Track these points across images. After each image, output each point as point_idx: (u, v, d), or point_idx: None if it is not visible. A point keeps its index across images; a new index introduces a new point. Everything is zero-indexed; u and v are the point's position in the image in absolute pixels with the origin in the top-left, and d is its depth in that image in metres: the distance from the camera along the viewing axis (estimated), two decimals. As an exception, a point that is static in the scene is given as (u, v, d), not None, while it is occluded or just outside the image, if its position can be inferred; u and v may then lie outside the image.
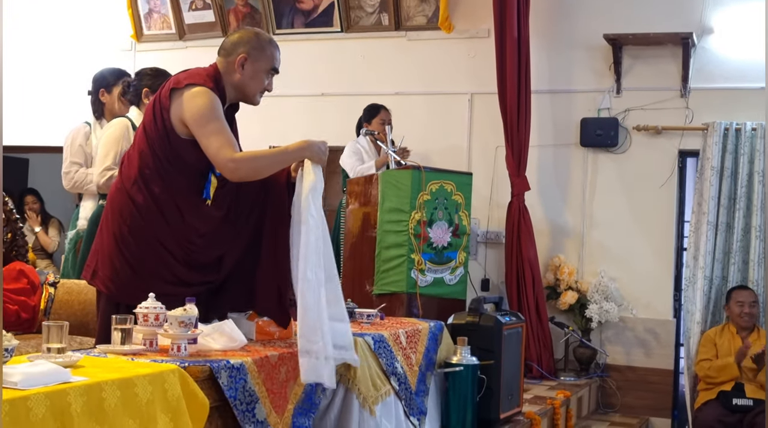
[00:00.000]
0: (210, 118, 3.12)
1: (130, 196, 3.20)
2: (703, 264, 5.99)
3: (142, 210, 3.18)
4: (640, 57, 6.45)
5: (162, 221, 3.18)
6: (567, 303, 6.31)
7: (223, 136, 3.12)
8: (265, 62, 3.32)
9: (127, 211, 3.20)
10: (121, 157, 3.85)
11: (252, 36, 3.33)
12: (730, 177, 6.08)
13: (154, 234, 3.18)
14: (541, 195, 6.60)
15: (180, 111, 3.15)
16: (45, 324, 2.52)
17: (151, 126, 3.21)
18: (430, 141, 6.78)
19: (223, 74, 3.28)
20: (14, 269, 4.18)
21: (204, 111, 3.12)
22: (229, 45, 3.31)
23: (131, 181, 3.22)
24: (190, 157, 3.18)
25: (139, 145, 3.25)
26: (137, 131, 3.36)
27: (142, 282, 3.12)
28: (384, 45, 7.11)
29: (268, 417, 2.91)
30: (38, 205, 8.24)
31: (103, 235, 3.27)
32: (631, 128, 6.44)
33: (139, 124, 3.40)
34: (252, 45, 3.29)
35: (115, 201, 3.25)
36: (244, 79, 3.28)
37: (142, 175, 3.19)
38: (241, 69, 3.27)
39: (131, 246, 3.18)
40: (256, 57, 3.29)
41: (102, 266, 3.22)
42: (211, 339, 2.96)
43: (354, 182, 5.52)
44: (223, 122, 3.16)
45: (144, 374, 2.40)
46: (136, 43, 7.78)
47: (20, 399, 2.01)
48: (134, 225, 3.18)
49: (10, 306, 3.96)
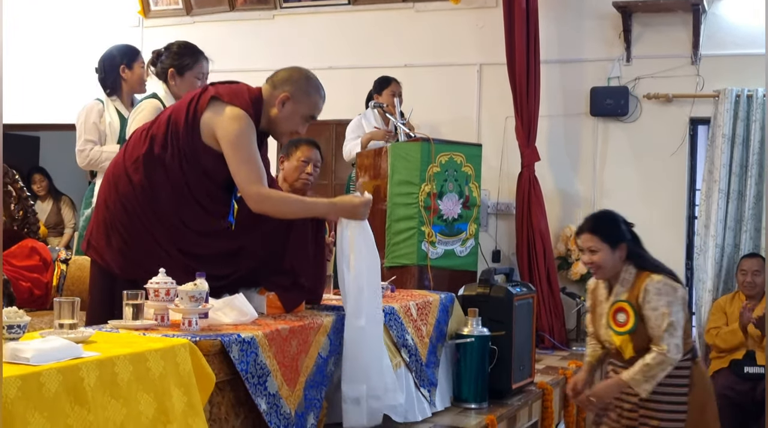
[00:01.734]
0: (244, 145, 3.16)
1: (127, 173, 3.23)
2: (714, 232, 5.98)
3: (137, 189, 3.20)
4: (649, 24, 6.40)
5: (152, 208, 3.20)
6: (578, 274, 6.30)
7: (254, 167, 3.16)
8: (306, 107, 3.32)
9: (123, 187, 3.23)
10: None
11: (302, 78, 3.34)
12: (742, 144, 6.04)
13: (145, 217, 3.20)
14: (552, 165, 6.58)
15: (214, 124, 3.18)
16: (56, 300, 2.54)
17: (179, 119, 3.22)
18: (439, 112, 6.76)
19: (265, 102, 3.29)
20: (26, 246, 4.21)
21: (240, 136, 3.15)
22: (278, 79, 3.32)
23: (132, 160, 3.24)
24: (208, 163, 3.20)
25: (155, 129, 3.25)
26: (160, 116, 3.35)
27: (135, 257, 3.18)
28: (392, 16, 7.08)
29: (280, 390, 2.93)
30: (46, 182, 8.27)
31: (99, 207, 3.30)
32: (642, 97, 6.40)
33: (168, 106, 3.38)
34: (299, 87, 3.30)
35: (113, 174, 3.28)
36: (280, 117, 3.29)
37: (147, 157, 3.21)
38: (281, 106, 3.28)
39: (124, 222, 3.21)
40: (298, 99, 3.29)
41: (97, 237, 3.27)
42: (222, 313, 2.98)
43: (363, 155, 5.51)
44: (256, 151, 3.20)
45: (156, 348, 2.42)
46: (143, 18, 7.76)
47: (32, 375, 2.03)
48: (128, 202, 3.21)
49: (23, 284, 4.00)
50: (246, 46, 7.38)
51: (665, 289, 3.49)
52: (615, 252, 3.61)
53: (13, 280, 3.84)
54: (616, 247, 3.61)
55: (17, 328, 2.31)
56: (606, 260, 3.60)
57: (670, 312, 3.45)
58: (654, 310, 3.47)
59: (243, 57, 7.32)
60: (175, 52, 4.22)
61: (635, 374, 3.49)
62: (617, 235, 3.65)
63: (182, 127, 3.20)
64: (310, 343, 3.16)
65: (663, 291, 3.49)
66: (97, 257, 3.29)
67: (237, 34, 7.38)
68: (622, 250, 3.62)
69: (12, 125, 8.19)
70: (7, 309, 2.32)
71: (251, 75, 7.20)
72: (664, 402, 3.54)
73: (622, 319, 3.55)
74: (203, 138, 3.20)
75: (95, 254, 3.29)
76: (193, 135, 3.19)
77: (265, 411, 2.85)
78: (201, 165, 3.21)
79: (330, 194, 6.90)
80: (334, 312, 3.44)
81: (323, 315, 3.37)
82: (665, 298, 3.47)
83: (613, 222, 3.75)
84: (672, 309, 3.46)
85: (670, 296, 3.48)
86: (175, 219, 3.21)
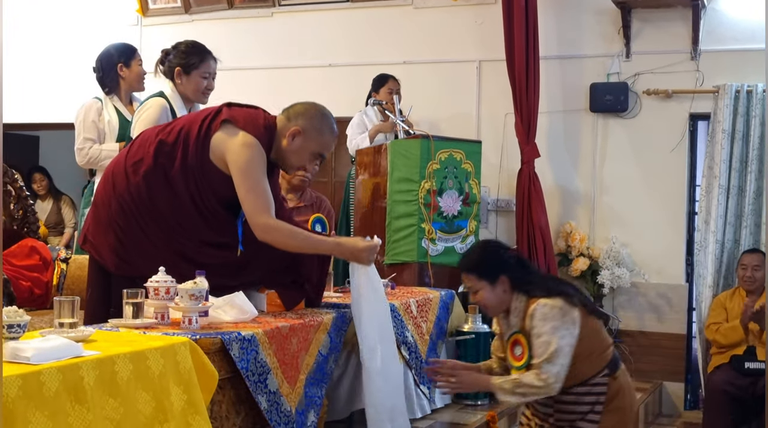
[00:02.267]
0: (253, 174, 3.16)
1: (127, 173, 3.23)
2: (715, 228, 5.97)
3: (134, 191, 3.20)
4: (649, 20, 6.39)
5: (150, 212, 3.21)
6: (579, 270, 6.30)
7: (262, 197, 3.16)
8: (315, 145, 3.32)
9: (120, 186, 3.23)
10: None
11: (317, 114, 3.34)
12: (742, 139, 6.03)
13: (142, 219, 3.21)
14: (551, 161, 6.58)
15: (225, 147, 3.18)
16: (56, 299, 2.55)
17: (191, 133, 3.22)
18: (439, 109, 6.75)
19: (278, 133, 3.30)
20: (26, 246, 4.21)
21: (250, 164, 3.16)
22: (293, 111, 3.33)
23: (133, 161, 3.24)
24: (214, 181, 3.21)
25: (164, 137, 3.25)
26: (172, 126, 3.34)
27: (129, 257, 3.18)
28: (391, 13, 7.07)
29: (280, 388, 2.93)
30: (46, 181, 8.27)
31: (96, 203, 3.31)
32: (641, 92, 6.39)
33: (181, 117, 3.36)
34: (312, 123, 3.30)
35: (113, 172, 3.29)
36: (289, 150, 3.29)
37: (150, 163, 3.22)
38: (291, 139, 3.28)
39: (120, 221, 3.21)
40: (309, 135, 3.29)
41: (93, 232, 3.28)
42: (222, 311, 2.98)
43: (363, 153, 5.51)
44: (265, 180, 3.20)
45: (156, 347, 2.43)
46: (142, 17, 7.75)
47: (33, 374, 2.04)
48: (125, 202, 3.21)
49: (23, 283, 4.00)
50: (245, 44, 7.38)
51: (551, 314, 3.17)
52: (496, 287, 3.30)
53: (14, 280, 3.85)
54: (496, 282, 3.30)
55: (17, 327, 2.32)
56: (489, 298, 3.31)
57: (552, 340, 3.14)
58: (537, 337, 3.17)
59: (242, 55, 7.32)
60: (183, 51, 4.22)
61: (505, 383, 3.21)
62: (494, 270, 3.31)
63: (192, 142, 3.20)
64: (310, 341, 3.16)
65: (548, 315, 3.17)
66: (93, 252, 3.30)
67: (236, 32, 7.38)
68: (504, 283, 3.30)
69: (11, 125, 8.19)
70: (8, 308, 2.33)
71: (250, 73, 7.30)
72: (578, 412, 3.25)
73: (518, 352, 3.28)
74: (211, 157, 3.21)
75: (92, 249, 3.30)
76: (203, 152, 3.20)
77: (265, 409, 2.86)
78: (208, 181, 3.21)
79: (329, 192, 6.91)
80: (334, 310, 3.44)
81: (323, 312, 3.38)
82: (550, 324, 3.16)
83: (488, 256, 3.41)
84: (557, 334, 3.14)
85: (556, 320, 3.16)
86: (175, 226, 3.21)
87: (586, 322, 3.24)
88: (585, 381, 3.24)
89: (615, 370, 3.32)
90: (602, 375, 3.27)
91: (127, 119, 4.71)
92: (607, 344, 3.33)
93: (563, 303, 3.20)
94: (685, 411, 6.22)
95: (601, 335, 3.33)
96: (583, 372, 3.24)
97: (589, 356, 3.24)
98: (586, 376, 3.25)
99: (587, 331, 3.24)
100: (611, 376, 3.29)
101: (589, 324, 3.27)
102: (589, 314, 3.28)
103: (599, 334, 3.32)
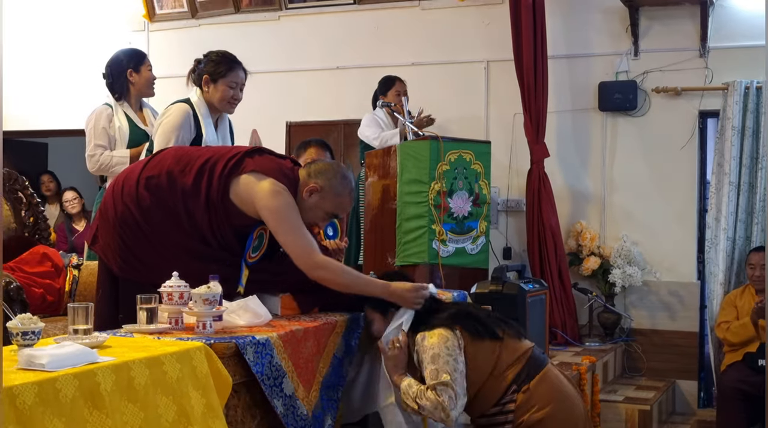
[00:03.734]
0: (290, 216, 3.18)
1: (138, 183, 3.24)
2: (725, 225, 5.95)
3: (143, 203, 3.21)
4: (657, 18, 6.37)
5: (154, 227, 3.21)
6: (590, 269, 6.28)
7: (305, 237, 3.19)
8: (331, 205, 3.32)
9: (129, 194, 3.23)
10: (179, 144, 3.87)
11: (337, 175, 3.33)
12: (752, 136, 6.01)
13: (148, 230, 3.21)
14: (561, 161, 6.56)
15: (252, 191, 3.18)
16: (70, 306, 2.54)
17: (217, 167, 3.23)
18: (448, 110, 6.74)
19: (299, 186, 3.31)
20: (38, 252, 4.21)
21: (285, 209, 3.18)
22: (314, 169, 3.34)
23: (148, 175, 3.25)
24: (231, 214, 3.21)
25: (183, 163, 3.25)
26: (198, 152, 3.34)
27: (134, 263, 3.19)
28: (398, 15, 7.06)
29: (296, 392, 2.92)
30: (54, 184, 8.30)
31: (107, 206, 3.31)
32: (650, 90, 6.38)
33: (211, 146, 3.36)
34: (331, 183, 3.30)
35: (125, 178, 3.31)
36: (305, 206, 3.29)
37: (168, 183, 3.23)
38: (309, 195, 3.29)
39: (125, 227, 3.22)
40: (326, 195, 3.30)
41: (101, 234, 3.29)
42: (236, 315, 2.97)
43: (372, 155, 5.50)
44: (301, 222, 3.21)
45: (171, 352, 2.42)
46: (148, 22, 7.76)
47: (48, 381, 2.03)
48: (128, 211, 3.22)
49: (35, 290, 4.00)
50: (252, 48, 7.35)
51: (427, 344, 3.12)
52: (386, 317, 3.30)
53: (26, 287, 3.85)
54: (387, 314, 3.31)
55: (32, 334, 2.31)
56: (380, 330, 3.31)
57: (435, 368, 3.07)
58: (424, 370, 3.11)
59: (249, 59, 7.20)
60: (213, 60, 4.21)
61: (410, 389, 3.12)
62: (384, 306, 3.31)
63: (216, 179, 3.21)
64: (324, 344, 3.15)
65: (425, 347, 3.12)
66: (101, 253, 3.31)
67: (243, 36, 7.38)
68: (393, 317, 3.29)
69: (20, 132, 8.22)
70: (22, 315, 2.32)
71: (258, 77, 7.24)
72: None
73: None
74: (232, 197, 3.21)
75: (99, 250, 3.32)
76: (225, 190, 3.21)
77: (281, 413, 2.85)
78: (226, 215, 3.22)
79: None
80: (348, 313, 3.43)
81: (337, 315, 3.37)
82: (429, 353, 3.10)
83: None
84: (438, 362, 3.07)
85: (434, 349, 3.09)
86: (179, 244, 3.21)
87: (476, 343, 3.17)
88: (497, 402, 3.17)
89: (526, 383, 3.18)
90: (511, 392, 3.17)
91: (138, 125, 4.71)
92: (511, 359, 3.20)
93: (442, 329, 3.13)
94: (699, 410, 6.19)
95: (499, 352, 3.19)
96: (491, 393, 3.17)
97: (489, 378, 3.16)
98: (496, 397, 3.17)
99: (478, 352, 3.16)
100: (520, 391, 3.16)
101: (481, 343, 3.18)
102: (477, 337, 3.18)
103: (496, 351, 3.19)
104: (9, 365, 2.15)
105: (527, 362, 3.20)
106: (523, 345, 3.26)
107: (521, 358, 3.21)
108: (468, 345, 3.15)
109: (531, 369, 3.20)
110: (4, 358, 2.23)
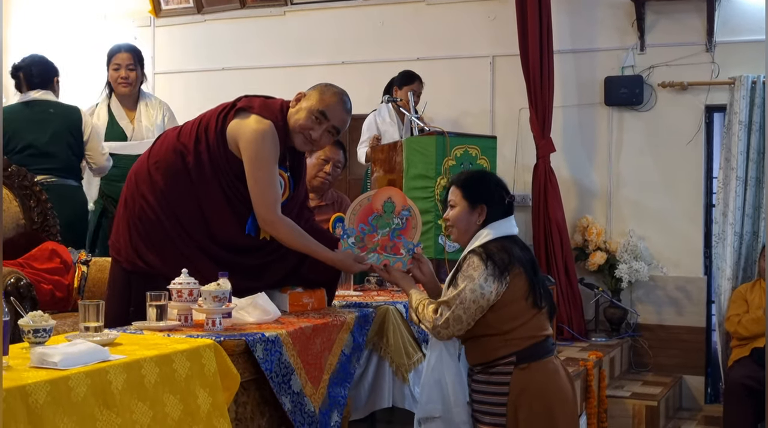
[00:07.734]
0: (263, 164, 3.18)
1: (149, 172, 3.25)
2: (733, 220, 5.94)
3: (158, 191, 3.22)
4: (663, 12, 6.35)
5: (174, 212, 3.22)
6: (596, 264, 6.28)
7: (271, 190, 3.20)
8: (316, 101, 3.29)
9: (143, 186, 3.25)
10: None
11: (323, 84, 3.38)
12: (759, 131, 6.00)
13: (167, 220, 3.22)
14: (567, 156, 6.55)
15: (237, 132, 3.20)
16: (81, 303, 2.55)
17: (210, 128, 3.24)
18: (453, 105, 6.74)
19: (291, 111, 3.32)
20: (47, 249, 4.21)
21: (260, 153, 3.18)
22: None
23: (155, 160, 3.26)
24: (238, 169, 3.22)
25: (184, 138, 3.27)
26: (191, 122, 3.36)
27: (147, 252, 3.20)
28: (403, 10, 7.06)
29: (304, 388, 2.93)
30: None
31: (120, 204, 3.35)
32: (656, 85, 6.37)
33: (200, 115, 3.39)
34: (316, 88, 3.34)
35: (136, 172, 3.32)
36: (291, 113, 3.30)
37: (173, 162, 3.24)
38: (295, 103, 3.32)
39: (143, 220, 3.23)
40: (310, 96, 3.31)
41: (116, 234, 3.32)
42: (245, 312, 2.98)
43: (378, 150, 5.50)
44: (274, 172, 3.22)
45: (181, 350, 2.43)
46: (154, 18, 7.76)
47: (61, 379, 2.04)
48: (147, 203, 3.23)
49: (44, 286, 4.00)
50: (257, 44, 7.38)
51: (473, 263, 2.99)
52: (472, 213, 3.12)
53: (35, 283, 3.85)
54: (474, 208, 3.12)
55: (43, 332, 2.31)
56: (460, 219, 3.14)
57: (460, 286, 2.95)
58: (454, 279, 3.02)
59: (255, 54, 7.32)
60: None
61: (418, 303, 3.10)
62: (479, 196, 3.14)
63: (213, 136, 3.21)
64: (333, 341, 3.16)
65: (470, 264, 2.99)
66: (113, 251, 3.32)
67: (248, 31, 7.38)
68: (480, 214, 3.11)
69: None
70: (33, 313, 2.33)
71: (263, 72, 7.29)
72: (486, 403, 3.05)
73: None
74: (230, 147, 3.22)
75: (112, 248, 3.33)
76: (223, 144, 3.22)
77: (289, 410, 2.86)
78: (233, 170, 3.22)
79: (345, 189, 6.89)
80: (356, 309, 3.44)
81: (346, 312, 3.38)
82: (467, 272, 2.98)
83: (483, 182, 3.22)
84: (467, 284, 2.94)
85: (477, 271, 2.96)
86: (199, 228, 3.22)
87: (517, 297, 3.00)
88: (493, 362, 3.01)
89: (527, 361, 3.00)
90: (507, 362, 3.00)
91: (117, 122, 4.83)
92: (529, 332, 3.03)
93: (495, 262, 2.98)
94: (706, 405, 6.19)
95: (526, 319, 3.03)
96: (491, 349, 3.02)
97: (498, 335, 3.01)
98: (494, 355, 3.01)
99: (513, 305, 3.00)
100: (518, 366, 2.99)
101: (521, 301, 3.01)
102: (531, 294, 3.02)
103: (524, 317, 3.02)
104: (21, 363, 2.16)
105: (538, 343, 3.05)
106: (545, 327, 3.10)
107: (536, 337, 3.05)
108: (506, 293, 2.98)
109: (538, 351, 3.04)
110: (17, 356, 2.24)
